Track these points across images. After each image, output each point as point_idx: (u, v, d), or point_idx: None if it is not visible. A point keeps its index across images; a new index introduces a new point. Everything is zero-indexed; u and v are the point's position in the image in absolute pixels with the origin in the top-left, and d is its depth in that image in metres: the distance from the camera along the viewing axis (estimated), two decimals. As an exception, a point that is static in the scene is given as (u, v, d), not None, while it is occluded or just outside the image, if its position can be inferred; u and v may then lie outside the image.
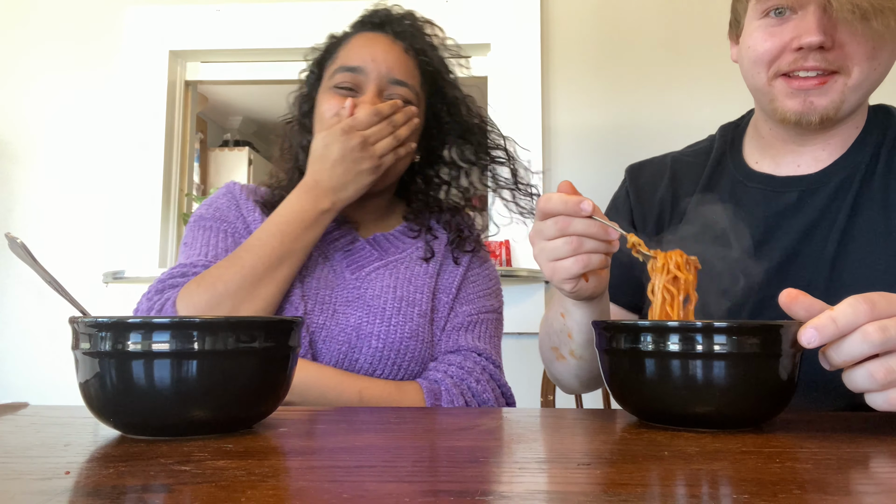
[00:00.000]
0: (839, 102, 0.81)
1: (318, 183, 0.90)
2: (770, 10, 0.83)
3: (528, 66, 2.12)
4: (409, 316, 0.94)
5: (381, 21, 1.01)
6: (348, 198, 0.92)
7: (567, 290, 0.72)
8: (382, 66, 0.96)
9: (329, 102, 0.96)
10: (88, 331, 0.51)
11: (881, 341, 0.50)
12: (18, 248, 0.53)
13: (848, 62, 0.80)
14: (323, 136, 0.91)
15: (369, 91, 0.95)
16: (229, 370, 0.52)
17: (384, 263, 0.98)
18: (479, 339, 0.98)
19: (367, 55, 0.96)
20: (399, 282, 0.97)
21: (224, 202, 1.02)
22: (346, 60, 0.97)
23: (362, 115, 0.90)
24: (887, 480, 0.41)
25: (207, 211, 1.01)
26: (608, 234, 0.67)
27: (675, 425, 0.57)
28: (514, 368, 1.98)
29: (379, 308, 0.93)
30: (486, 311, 1.02)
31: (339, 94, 0.95)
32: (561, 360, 0.88)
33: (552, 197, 0.68)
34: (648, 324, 0.57)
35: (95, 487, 0.38)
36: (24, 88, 2.28)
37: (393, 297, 0.95)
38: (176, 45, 2.26)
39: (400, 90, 0.96)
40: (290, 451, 0.48)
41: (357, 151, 0.89)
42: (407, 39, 0.99)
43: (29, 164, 2.26)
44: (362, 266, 0.98)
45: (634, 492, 0.37)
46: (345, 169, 0.90)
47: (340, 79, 0.96)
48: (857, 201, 0.84)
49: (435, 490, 0.37)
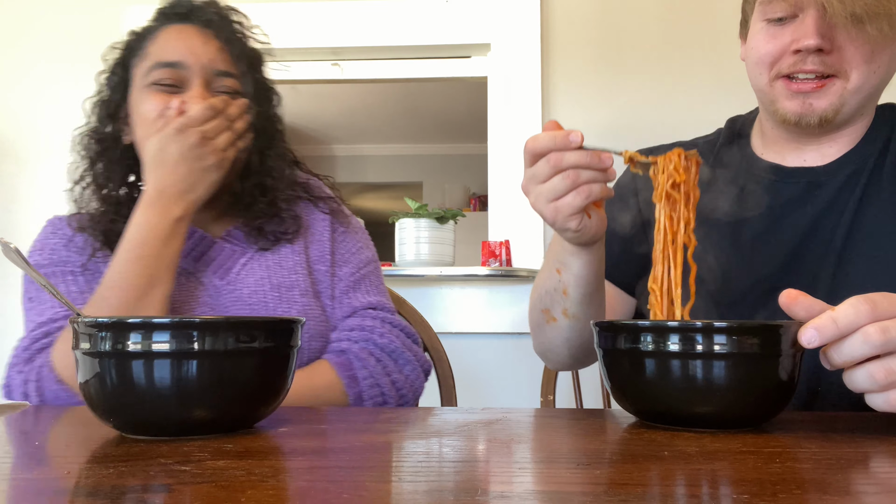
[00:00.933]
0: (838, 105, 0.82)
1: (163, 191, 0.82)
2: (771, 18, 0.84)
3: (528, 66, 2.12)
4: (291, 300, 0.92)
5: (186, 11, 0.93)
6: (199, 199, 0.85)
7: (572, 228, 0.70)
8: (204, 58, 0.89)
9: (151, 102, 0.87)
10: (88, 331, 0.51)
11: (882, 343, 0.50)
12: (12, 253, 0.53)
13: (846, 66, 0.81)
14: (157, 140, 0.83)
15: (195, 85, 0.88)
16: (229, 370, 0.52)
17: (250, 258, 0.94)
18: (369, 294, 0.99)
19: (183, 48, 0.89)
20: (270, 270, 0.94)
21: (55, 242, 0.93)
22: (162, 56, 0.89)
23: (195, 111, 0.84)
24: (887, 480, 0.41)
25: (42, 256, 0.92)
26: (602, 161, 0.66)
27: (675, 425, 0.57)
28: (514, 368, 1.99)
29: (259, 303, 0.90)
30: (364, 264, 1.01)
31: (161, 91, 0.88)
32: (552, 322, 0.86)
33: (539, 136, 0.67)
34: (648, 324, 0.57)
35: (95, 487, 0.38)
36: (24, 88, 2.28)
37: (270, 286, 0.92)
38: (176, 45, 2.26)
39: (227, 81, 0.91)
40: (290, 451, 0.48)
41: (197, 148, 0.83)
42: (216, 28, 0.93)
43: (30, 164, 2.26)
44: (229, 268, 0.93)
45: (634, 492, 0.37)
46: (188, 169, 0.83)
47: (159, 75, 0.88)
48: (865, 195, 0.85)
49: (435, 490, 0.37)
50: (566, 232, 0.72)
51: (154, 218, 0.82)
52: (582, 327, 0.84)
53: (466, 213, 3.61)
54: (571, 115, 2.13)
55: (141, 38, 0.94)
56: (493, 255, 2.00)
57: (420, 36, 2.08)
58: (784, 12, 0.82)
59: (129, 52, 0.94)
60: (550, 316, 0.86)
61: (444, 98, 4.49)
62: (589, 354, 0.91)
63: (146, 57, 0.91)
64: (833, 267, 0.83)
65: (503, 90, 2.12)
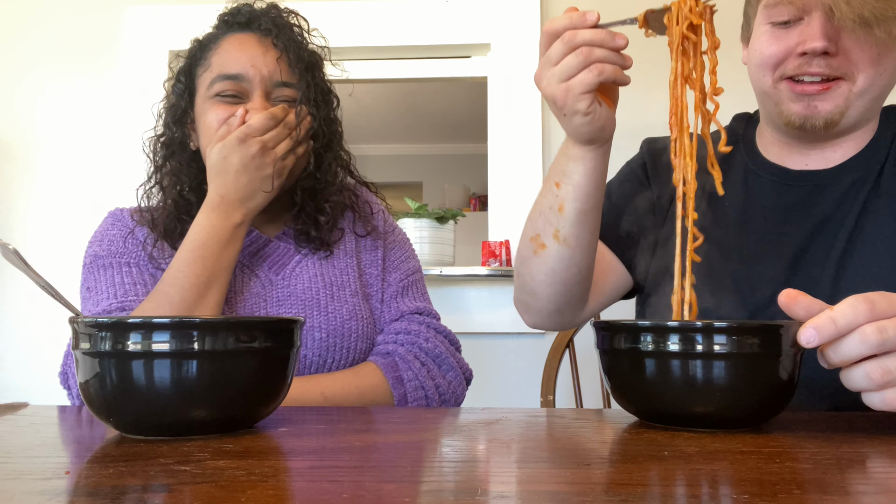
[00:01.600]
0: (844, 108, 0.82)
1: (225, 197, 0.86)
2: (776, 22, 0.84)
3: (528, 66, 2.12)
4: (343, 299, 0.95)
5: (246, 20, 0.96)
6: (258, 206, 0.88)
7: (582, 110, 0.69)
8: (264, 70, 0.91)
9: (214, 113, 0.91)
10: (88, 331, 0.51)
11: (879, 342, 0.50)
12: (11, 255, 0.53)
13: (852, 68, 0.80)
14: (219, 149, 0.86)
15: (256, 97, 0.91)
16: (229, 370, 0.52)
17: (304, 255, 0.97)
18: (416, 299, 1.02)
19: (244, 60, 0.92)
20: (324, 268, 0.97)
21: (115, 233, 0.95)
22: (224, 68, 0.92)
23: (256, 121, 0.87)
24: (886, 480, 0.41)
25: (101, 248, 0.94)
26: (616, 41, 0.64)
27: (675, 425, 0.57)
28: (514, 368, 1.99)
29: (312, 299, 0.93)
30: (412, 272, 1.05)
31: (223, 102, 0.91)
32: (540, 250, 0.83)
33: (555, 18, 0.66)
34: (648, 324, 0.57)
35: (95, 487, 0.38)
36: (24, 88, 2.28)
37: (323, 284, 0.95)
38: (176, 45, 2.26)
39: (286, 91, 0.93)
40: (290, 451, 0.48)
41: (258, 158, 0.86)
42: (276, 35, 0.94)
43: (29, 164, 2.26)
44: (284, 264, 0.96)
45: (634, 492, 0.37)
46: (249, 178, 0.86)
47: (221, 87, 0.91)
48: (868, 201, 0.84)
49: (435, 490, 0.37)
50: (575, 116, 0.70)
51: (216, 222, 0.86)
52: (570, 256, 0.82)
53: (466, 213, 3.61)
54: (571, 115, 2.13)
55: (203, 46, 0.97)
56: (493, 255, 2.00)
57: (420, 36, 2.08)
58: (789, 15, 0.82)
59: (192, 60, 0.98)
60: (539, 243, 0.83)
61: (444, 98, 4.49)
62: (571, 300, 0.88)
63: (209, 67, 0.94)
64: (834, 272, 0.82)
65: (503, 90, 2.12)
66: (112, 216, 1.00)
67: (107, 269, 0.91)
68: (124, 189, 2.21)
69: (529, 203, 0.87)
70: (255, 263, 0.95)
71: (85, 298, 0.91)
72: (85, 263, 0.94)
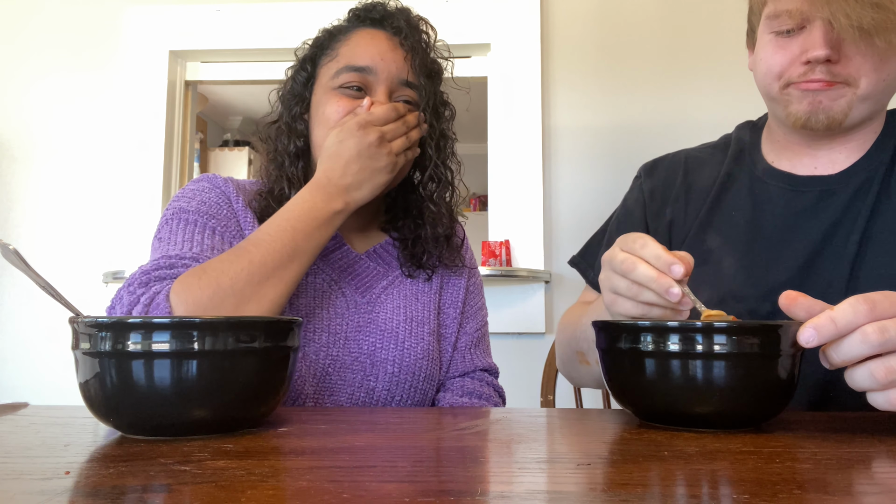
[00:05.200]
0: (847, 110, 0.83)
1: (331, 181, 0.84)
2: (778, 31, 0.85)
3: (528, 66, 2.12)
4: (420, 336, 0.93)
5: (380, 17, 0.95)
6: (362, 198, 0.85)
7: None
8: (392, 67, 0.90)
9: (337, 104, 0.89)
10: (88, 331, 0.51)
11: (880, 342, 0.50)
12: (11, 255, 0.53)
13: (855, 74, 0.81)
14: (337, 132, 0.85)
15: (380, 92, 0.90)
16: (229, 370, 0.52)
17: (390, 282, 0.95)
18: (486, 354, 1.03)
19: (375, 54, 0.90)
20: (407, 300, 0.95)
21: (212, 197, 0.91)
22: (352, 59, 0.90)
23: (380, 110, 0.86)
24: (887, 480, 0.41)
25: (190, 204, 0.89)
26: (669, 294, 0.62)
27: (675, 425, 0.57)
28: (514, 368, 1.99)
29: (391, 332, 0.91)
30: (483, 322, 1.06)
31: (346, 94, 0.90)
32: (584, 364, 0.88)
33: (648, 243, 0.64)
34: (648, 324, 0.57)
35: (95, 487, 0.38)
36: (24, 88, 2.28)
37: (404, 318, 0.93)
38: (176, 45, 2.26)
39: (408, 92, 0.92)
40: (290, 451, 0.48)
41: (374, 147, 0.84)
42: (406, 37, 0.93)
43: (29, 164, 2.26)
44: (370, 287, 0.94)
45: (634, 492, 0.37)
46: (360, 166, 0.84)
47: (347, 78, 0.90)
48: (877, 203, 0.85)
49: (435, 490, 0.37)
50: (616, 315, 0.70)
51: (318, 201, 0.83)
52: None
53: (466, 213, 3.60)
54: (571, 115, 2.14)
55: (331, 36, 0.96)
56: (493, 255, 2.00)
57: (420, 36, 2.08)
58: (791, 25, 0.83)
59: (318, 49, 0.96)
60: (584, 359, 0.88)
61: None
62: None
63: (336, 58, 0.92)
64: (847, 275, 0.83)
65: (503, 90, 2.12)
66: (209, 180, 0.95)
67: (188, 225, 0.87)
68: (124, 188, 2.22)
69: (529, 203, 0.87)
70: (344, 280, 0.93)
71: (155, 248, 0.86)
72: (165, 216, 0.89)
